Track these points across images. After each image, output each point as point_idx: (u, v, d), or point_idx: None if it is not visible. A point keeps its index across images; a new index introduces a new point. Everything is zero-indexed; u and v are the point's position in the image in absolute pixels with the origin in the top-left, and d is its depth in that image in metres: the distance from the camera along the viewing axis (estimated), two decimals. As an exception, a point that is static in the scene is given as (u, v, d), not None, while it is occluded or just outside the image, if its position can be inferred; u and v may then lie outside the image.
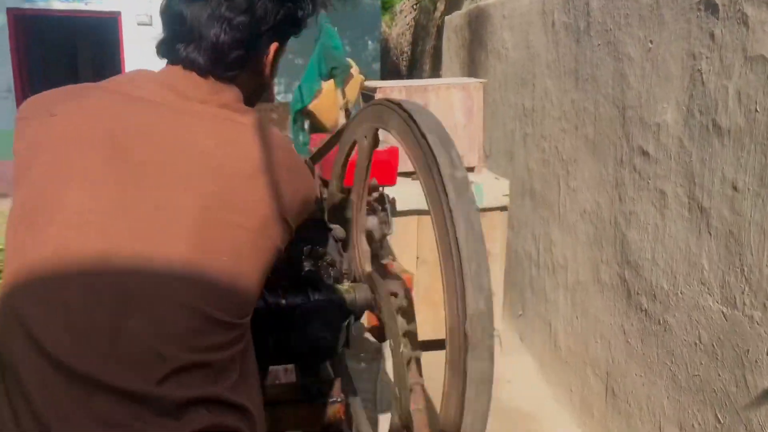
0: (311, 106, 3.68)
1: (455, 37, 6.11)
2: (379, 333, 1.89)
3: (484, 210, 4.06)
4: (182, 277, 0.90)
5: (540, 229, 4.09)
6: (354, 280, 1.86)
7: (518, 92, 4.49)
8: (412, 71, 10.68)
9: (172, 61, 1.09)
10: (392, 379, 2.90)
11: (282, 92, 10.04)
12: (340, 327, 1.75)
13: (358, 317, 1.84)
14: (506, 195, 4.05)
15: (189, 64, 1.07)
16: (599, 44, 3.16)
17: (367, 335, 3.23)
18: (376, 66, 10.10)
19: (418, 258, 4.07)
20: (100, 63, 12.20)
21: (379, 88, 4.12)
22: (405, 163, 4.06)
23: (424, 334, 4.03)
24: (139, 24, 9.59)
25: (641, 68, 2.76)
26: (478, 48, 5.49)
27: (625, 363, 2.97)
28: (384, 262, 2.98)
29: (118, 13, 9.64)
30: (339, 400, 1.75)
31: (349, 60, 3.73)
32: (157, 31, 1.15)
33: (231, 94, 1.11)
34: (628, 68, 2.87)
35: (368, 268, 1.82)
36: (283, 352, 1.76)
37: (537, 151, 4.14)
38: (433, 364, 4.01)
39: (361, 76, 3.82)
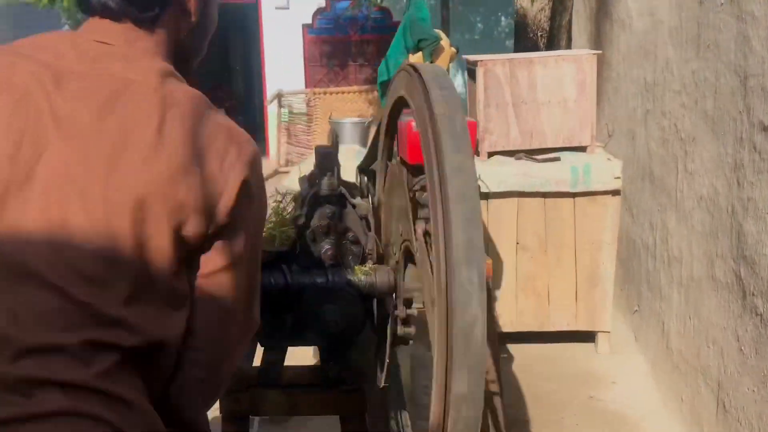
0: (398, 80, 3.53)
1: (583, 9, 5.66)
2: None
3: (592, 194, 3.72)
4: (49, 255, 0.82)
5: (657, 217, 3.67)
6: (379, 262, 1.71)
7: (640, 65, 4.05)
8: (550, 49, 10.14)
9: (89, 12, 1.00)
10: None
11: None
12: (356, 311, 1.61)
13: (380, 301, 1.69)
14: (618, 177, 3.67)
15: (102, 10, 0.97)
16: (722, 3, 2.72)
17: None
18: (509, 43, 9.68)
19: (517, 243, 3.81)
20: (245, 49, 12.81)
21: (480, 61, 3.88)
22: (505, 141, 3.81)
23: (523, 325, 3.81)
24: (276, 8, 9.90)
25: (766, 29, 2.33)
26: (604, 18, 5.04)
27: (738, 374, 2.56)
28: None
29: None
30: (356, 389, 1.62)
31: (439, 32, 3.52)
32: (293, 14, 1.04)
33: (150, 41, 1.00)
34: (751, 29, 2.44)
35: (396, 251, 1.66)
36: (296, 333, 1.66)
37: (657, 130, 3.71)
38: (533, 357, 3.76)
39: (453, 49, 3.60)
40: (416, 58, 3.39)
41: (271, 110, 9.58)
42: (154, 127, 0.89)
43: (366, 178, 2.72)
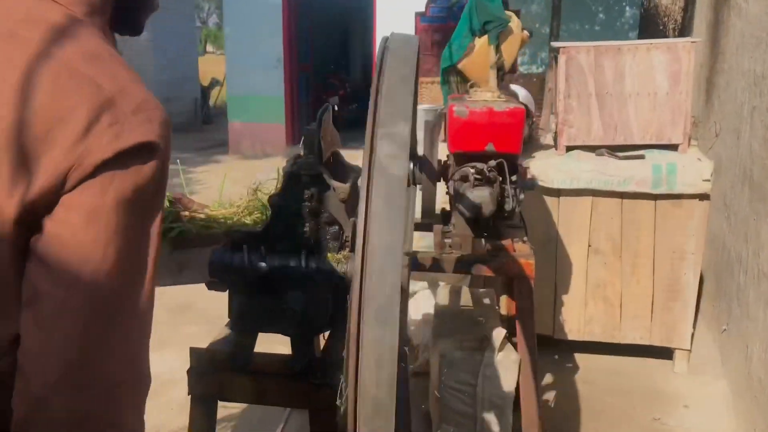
0: (460, 65, 3.33)
1: (703, -6, 5.16)
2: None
3: (677, 196, 3.36)
4: None
5: (752, 227, 3.26)
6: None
7: (752, 55, 3.61)
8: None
9: None
10: (497, 373, 2.54)
11: (526, 63, 9.59)
12: (324, 300, 1.52)
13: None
14: (707, 180, 3.29)
15: None
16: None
17: (479, 318, 2.88)
18: (633, 35, 9.05)
19: (589, 246, 3.53)
20: (362, 38, 12.91)
21: (563, 47, 3.61)
22: (586, 135, 3.52)
23: (591, 334, 3.54)
24: (392, -5, 9.87)
25: None
26: (722, 5, 4.55)
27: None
28: (503, 242, 2.61)
29: (374, -15, 10.04)
30: (325, 383, 1.52)
31: (509, 13, 3.29)
32: (406, 1, 0.95)
33: None
34: None
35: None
36: (266, 319, 1.59)
37: (761, 128, 3.29)
38: (599, 369, 3.48)
39: (525, 33, 3.35)
40: (482, 42, 3.20)
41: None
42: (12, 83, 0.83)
43: (413, 165, 2.60)
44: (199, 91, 14.92)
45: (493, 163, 2.48)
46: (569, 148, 3.65)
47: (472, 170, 2.46)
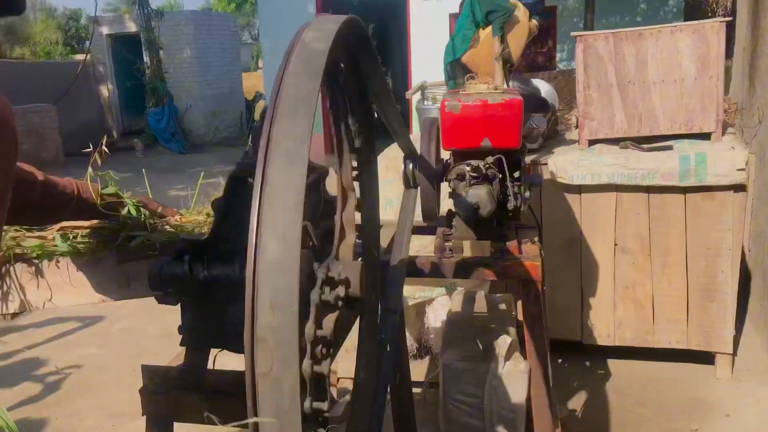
0: (464, 58, 3.16)
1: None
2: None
3: (708, 188, 3.12)
4: None
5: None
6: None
7: (790, 33, 3.33)
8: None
9: None
10: (505, 384, 2.37)
11: (565, 59, 9.30)
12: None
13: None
14: (741, 169, 3.03)
15: None
16: None
17: (491, 326, 2.71)
18: (677, 24, 8.65)
19: (616, 245, 3.31)
20: (399, 41, 12.81)
21: (579, 36, 3.41)
22: (609, 128, 3.31)
23: (621, 339, 3.32)
24: (424, -1, 9.77)
25: None
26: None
27: None
28: (507, 244, 2.45)
29: (407, -10, 9.95)
30: None
31: (515, 1, 3.12)
32: (440, 3, 0.90)
33: None
34: None
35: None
36: (213, 334, 1.49)
37: (801, 112, 3.01)
38: (632, 376, 3.25)
39: (533, 21, 3.17)
40: (486, 33, 3.04)
41: (415, 102, 9.47)
42: None
43: (411, 166, 2.47)
44: (244, 106, 15.13)
45: (490, 159, 2.32)
46: (592, 142, 3.44)
47: (468, 168, 2.30)
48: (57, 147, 10.26)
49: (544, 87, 4.10)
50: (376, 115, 1.58)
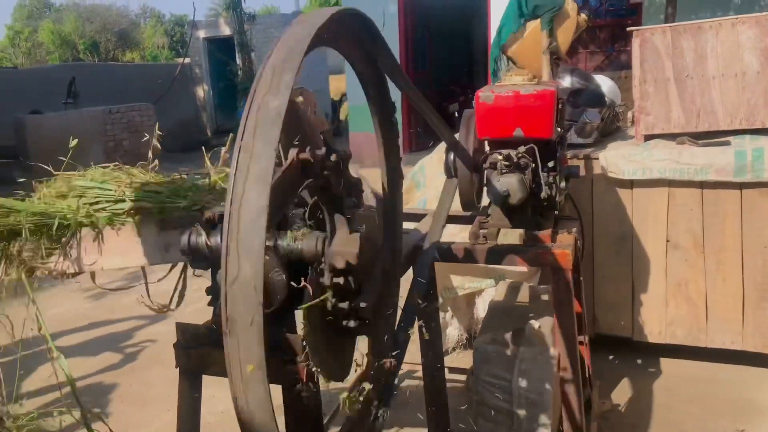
0: (511, 51, 3.19)
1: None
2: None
3: (765, 184, 3.03)
4: None
5: None
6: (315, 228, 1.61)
7: None
8: None
9: None
10: (533, 368, 2.44)
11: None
12: (278, 278, 1.55)
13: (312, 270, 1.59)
14: (800, 166, 2.93)
15: None
16: None
17: (530, 315, 2.75)
18: None
19: (668, 242, 3.27)
20: (481, 39, 12.77)
21: (636, 30, 3.39)
22: (665, 123, 3.27)
23: (673, 336, 3.31)
24: (506, -3, 9.73)
25: None
26: None
27: None
28: (540, 232, 2.51)
29: (488, -12, 9.95)
30: (291, 360, 1.55)
31: (564, -6, 3.13)
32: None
33: None
34: None
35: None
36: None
37: None
38: (683, 375, 3.23)
39: (583, 16, 3.16)
40: (533, 27, 3.07)
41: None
42: None
43: (453, 156, 2.58)
44: (330, 106, 15.55)
45: (522, 148, 2.39)
46: (648, 137, 3.42)
47: (500, 156, 2.39)
48: (154, 143, 10.97)
49: (606, 83, 4.08)
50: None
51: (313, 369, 1.48)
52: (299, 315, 1.60)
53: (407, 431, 2.91)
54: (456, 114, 9.97)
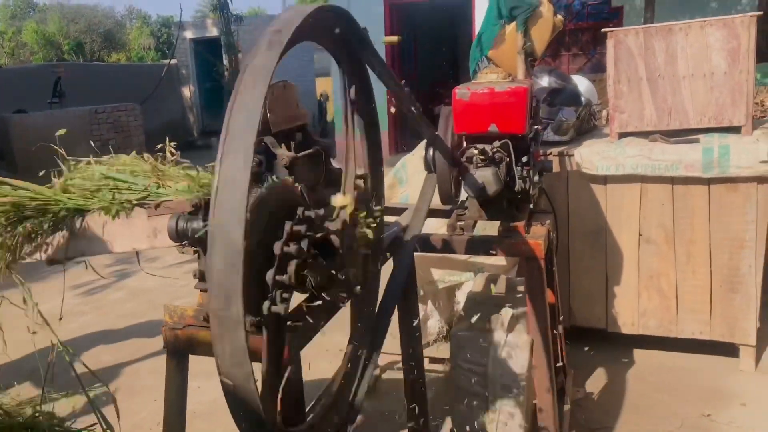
0: (491, 53, 3.31)
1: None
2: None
3: (732, 180, 3.16)
4: None
5: (818, 211, 2.99)
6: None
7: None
8: None
9: None
10: (507, 354, 2.54)
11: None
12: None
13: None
14: (765, 161, 3.06)
15: None
16: None
17: (507, 304, 2.86)
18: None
19: (640, 235, 3.39)
20: (467, 41, 12.92)
21: (610, 31, 3.51)
22: (638, 121, 3.39)
23: (645, 327, 3.43)
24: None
25: None
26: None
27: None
28: (515, 223, 2.61)
29: (473, -7, 10.09)
30: (275, 336, 1.64)
31: (539, -4, 3.24)
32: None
33: None
34: None
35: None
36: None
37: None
38: (654, 365, 3.34)
39: (559, 17, 3.27)
40: (511, 30, 3.18)
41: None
42: None
43: (432, 152, 2.68)
44: (316, 107, 15.63)
45: (497, 143, 2.50)
46: (622, 135, 3.53)
47: (476, 151, 2.49)
48: (141, 143, 10.99)
49: (583, 83, 4.21)
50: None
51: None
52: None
53: (388, 423, 3.01)
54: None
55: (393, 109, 2.46)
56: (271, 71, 1.17)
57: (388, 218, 2.49)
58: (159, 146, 1.91)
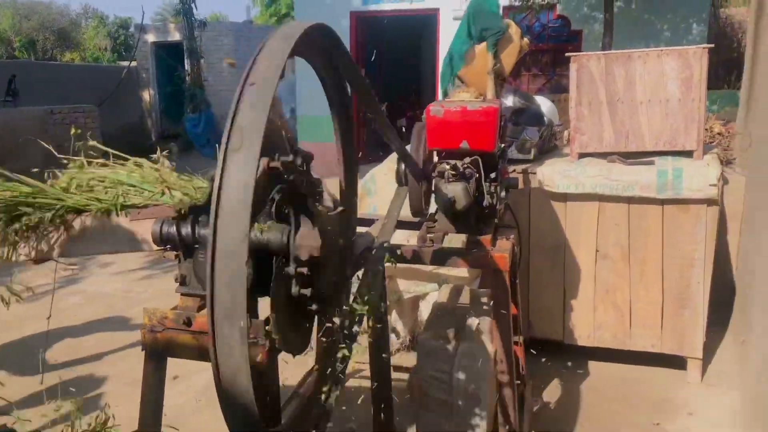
0: (461, 72, 3.44)
1: None
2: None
3: (684, 201, 3.34)
4: None
5: (765, 238, 3.18)
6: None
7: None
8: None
9: None
10: (471, 362, 2.63)
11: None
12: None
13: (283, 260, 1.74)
14: (713, 185, 3.25)
15: None
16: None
17: (471, 315, 2.95)
18: (701, 52, 8.78)
19: (597, 251, 3.54)
20: (431, 55, 13.13)
21: (574, 56, 3.67)
22: (598, 143, 3.53)
23: (601, 340, 3.56)
24: (454, 18, 10.07)
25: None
26: (761, 13, 4.46)
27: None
28: (481, 237, 2.71)
29: (437, 10, 10.28)
30: (257, 342, 1.69)
31: (508, 21, 3.39)
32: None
33: None
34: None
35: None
36: (201, 282, 1.79)
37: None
38: (609, 376, 3.47)
39: (525, 40, 3.43)
40: (480, 49, 3.31)
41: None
42: None
43: (403, 166, 2.77)
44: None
45: (468, 159, 2.60)
46: (582, 155, 3.69)
47: (448, 166, 2.59)
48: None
49: (545, 104, 4.36)
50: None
51: (277, 344, 1.62)
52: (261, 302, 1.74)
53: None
54: (404, 128, 10.21)
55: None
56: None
57: (358, 228, 2.57)
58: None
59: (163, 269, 5.62)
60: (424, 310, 3.78)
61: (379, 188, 3.79)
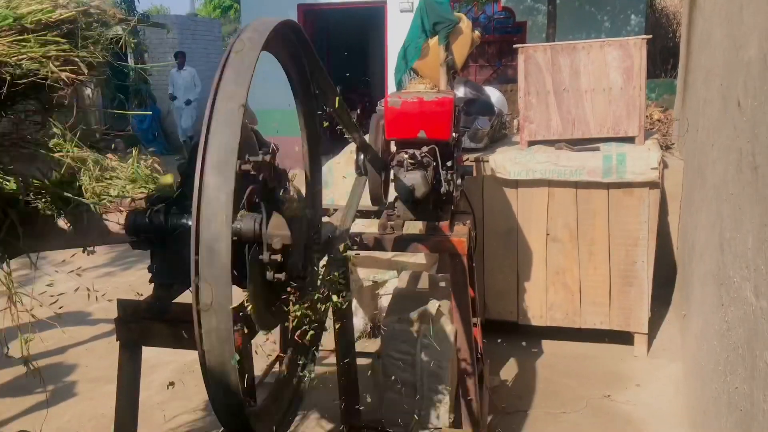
0: (416, 65, 3.55)
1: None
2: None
3: (628, 185, 3.52)
4: None
5: (714, 217, 3.38)
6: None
7: (704, 48, 3.75)
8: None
9: None
10: (433, 343, 2.73)
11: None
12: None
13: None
14: (654, 168, 3.44)
15: None
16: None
17: (431, 299, 3.06)
18: (639, 42, 9.13)
19: (548, 235, 3.70)
20: (379, 47, 13.20)
21: (521, 47, 3.81)
22: (546, 130, 3.69)
23: (553, 320, 3.71)
24: (401, 11, 10.18)
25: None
26: (693, 4, 4.69)
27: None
28: (440, 223, 2.81)
29: (384, 2, 10.35)
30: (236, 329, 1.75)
31: (459, 14, 3.50)
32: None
33: None
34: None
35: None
36: (175, 273, 1.83)
37: (704, 119, 3.42)
38: (562, 354, 3.62)
39: (476, 33, 3.55)
40: (434, 42, 3.41)
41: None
42: None
43: (363, 156, 2.84)
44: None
45: (425, 148, 2.70)
46: (531, 143, 3.84)
47: (406, 155, 2.68)
48: (40, 143, 10.51)
49: (495, 94, 4.50)
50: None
51: (257, 327, 1.69)
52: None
53: (320, 412, 3.14)
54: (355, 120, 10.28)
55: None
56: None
57: (320, 219, 2.65)
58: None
59: (121, 266, 5.55)
60: (384, 298, 3.88)
61: (336, 180, 3.86)
